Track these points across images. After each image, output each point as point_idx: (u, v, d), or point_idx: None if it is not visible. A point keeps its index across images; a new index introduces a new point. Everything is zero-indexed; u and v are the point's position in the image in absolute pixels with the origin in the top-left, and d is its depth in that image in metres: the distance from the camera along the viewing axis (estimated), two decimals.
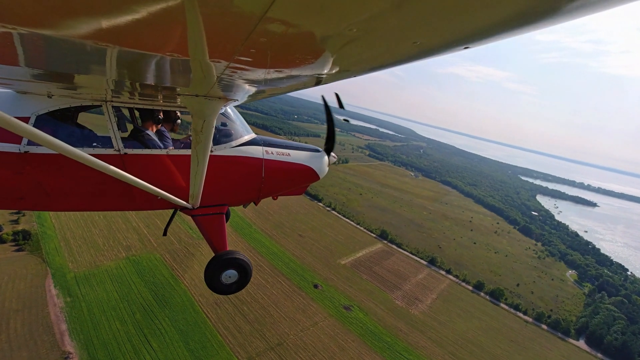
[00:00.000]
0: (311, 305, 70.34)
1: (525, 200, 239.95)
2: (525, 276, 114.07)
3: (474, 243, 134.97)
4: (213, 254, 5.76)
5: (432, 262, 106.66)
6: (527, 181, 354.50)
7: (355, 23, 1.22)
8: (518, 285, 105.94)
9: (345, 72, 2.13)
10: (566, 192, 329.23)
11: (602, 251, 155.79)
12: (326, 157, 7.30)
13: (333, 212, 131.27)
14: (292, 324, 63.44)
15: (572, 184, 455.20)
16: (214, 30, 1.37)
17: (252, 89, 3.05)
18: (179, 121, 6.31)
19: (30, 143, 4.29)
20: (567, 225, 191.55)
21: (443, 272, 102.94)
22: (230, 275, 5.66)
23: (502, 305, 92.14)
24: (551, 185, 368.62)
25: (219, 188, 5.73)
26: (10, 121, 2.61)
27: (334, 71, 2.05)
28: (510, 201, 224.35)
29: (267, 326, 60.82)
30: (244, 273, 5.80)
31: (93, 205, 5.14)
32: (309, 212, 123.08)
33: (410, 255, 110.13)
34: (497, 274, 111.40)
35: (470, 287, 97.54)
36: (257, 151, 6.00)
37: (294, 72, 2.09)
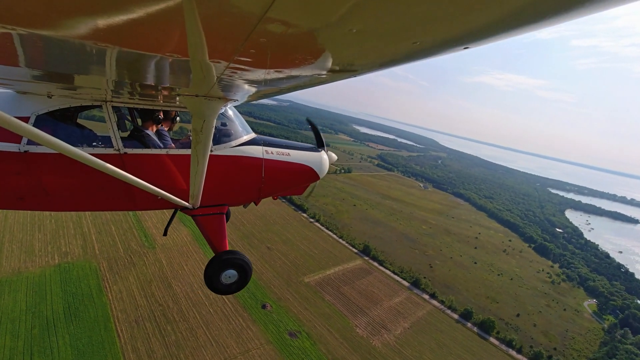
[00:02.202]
0: (250, 329, 62.26)
1: (549, 215, 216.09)
2: (530, 304, 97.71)
3: (475, 263, 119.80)
4: (210, 254, 5.78)
5: (415, 283, 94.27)
6: (556, 194, 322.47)
7: (355, 23, 1.22)
8: (518, 315, 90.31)
9: (345, 72, 2.13)
10: (602, 207, 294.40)
11: (636, 276, 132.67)
12: (326, 156, 7.15)
13: (316, 223, 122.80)
14: (218, 350, 55.74)
15: (612, 197, 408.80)
16: (214, 30, 1.37)
17: (252, 89, 3.04)
18: (177, 119, 6.23)
19: (30, 142, 4.25)
20: (597, 245, 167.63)
21: (426, 297, 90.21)
22: (230, 275, 5.64)
23: (492, 339, 77.81)
24: (586, 199, 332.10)
25: (219, 188, 5.70)
26: (10, 121, 2.61)
27: (333, 71, 2.07)
28: (531, 216, 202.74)
29: (186, 351, 53.62)
30: (244, 273, 5.78)
31: (93, 205, 5.11)
32: (288, 223, 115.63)
33: (392, 275, 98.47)
34: (494, 300, 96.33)
35: (456, 316, 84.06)
36: (257, 151, 5.96)
37: (294, 72, 2.10)
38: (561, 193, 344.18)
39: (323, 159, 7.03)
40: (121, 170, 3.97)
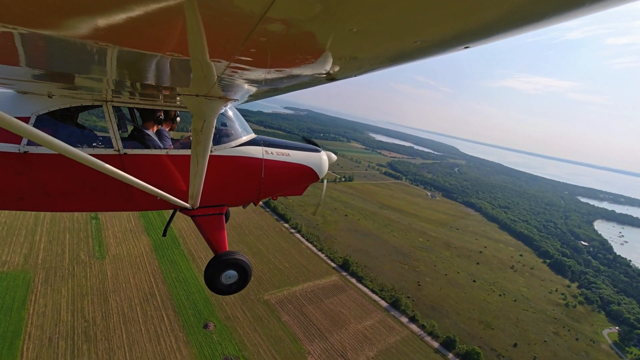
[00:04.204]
0: (180, 352, 55.34)
1: (574, 226, 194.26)
2: (533, 332, 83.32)
3: (473, 281, 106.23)
4: (212, 255, 5.81)
5: (394, 304, 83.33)
6: (586, 203, 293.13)
7: (355, 23, 1.23)
8: (515, 345, 76.62)
9: (345, 71, 2.16)
10: None
11: None
12: (326, 156, 7.16)
13: (297, 235, 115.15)
14: None
15: None
16: (214, 30, 1.38)
17: (253, 89, 3.09)
18: (177, 119, 6.27)
19: (30, 143, 4.26)
20: (630, 261, 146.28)
21: (405, 320, 79.06)
22: (230, 276, 5.63)
23: None
24: (621, 209, 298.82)
25: (219, 188, 5.71)
26: (10, 121, 2.63)
27: (334, 71, 2.09)
28: (551, 228, 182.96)
29: None
30: (244, 273, 5.76)
31: (92, 205, 5.13)
32: (265, 234, 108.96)
33: (370, 293, 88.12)
34: (489, 326, 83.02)
35: (437, 344, 72.33)
36: (257, 151, 5.96)
37: (295, 71, 2.13)
38: (592, 202, 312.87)
39: (323, 160, 6.99)
40: (121, 170, 3.96)
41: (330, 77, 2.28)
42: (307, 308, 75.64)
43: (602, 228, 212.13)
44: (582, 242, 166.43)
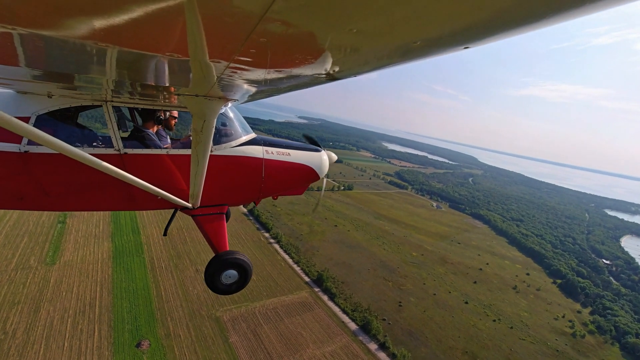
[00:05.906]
0: None
1: (596, 242, 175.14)
2: None
3: (466, 302, 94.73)
4: (212, 254, 5.80)
5: (364, 327, 74.28)
6: (614, 217, 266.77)
7: (355, 23, 1.23)
8: None
9: (345, 71, 2.18)
10: None
11: None
12: (326, 156, 7.21)
13: (275, 245, 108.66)
14: None
15: None
16: (214, 30, 1.38)
17: (253, 89, 3.12)
18: (170, 116, 6.24)
19: (30, 143, 4.26)
20: None
21: (374, 347, 69.80)
22: (230, 276, 5.64)
23: None
24: None
25: (219, 188, 5.76)
26: (10, 121, 2.66)
27: (333, 71, 2.10)
28: (569, 244, 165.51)
29: None
30: (244, 273, 5.79)
31: (93, 205, 5.15)
32: (240, 243, 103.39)
33: (340, 313, 79.49)
34: (474, 358, 71.94)
35: None
36: (257, 151, 5.99)
37: (294, 72, 2.14)
38: (621, 215, 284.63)
39: (323, 159, 7.00)
40: (121, 170, 3.97)
41: (331, 77, 2.25)
42: (262, 328, 68.35)
43: (631, 245, 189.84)
44: (604, 260, 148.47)
